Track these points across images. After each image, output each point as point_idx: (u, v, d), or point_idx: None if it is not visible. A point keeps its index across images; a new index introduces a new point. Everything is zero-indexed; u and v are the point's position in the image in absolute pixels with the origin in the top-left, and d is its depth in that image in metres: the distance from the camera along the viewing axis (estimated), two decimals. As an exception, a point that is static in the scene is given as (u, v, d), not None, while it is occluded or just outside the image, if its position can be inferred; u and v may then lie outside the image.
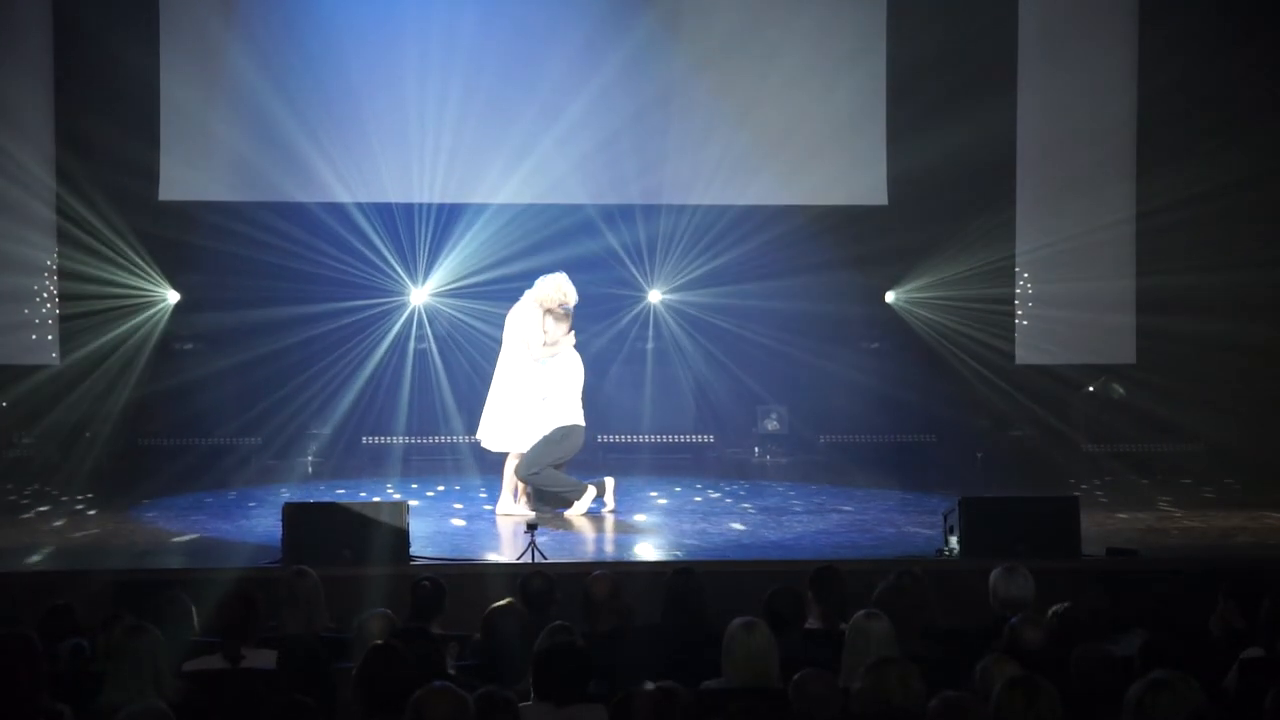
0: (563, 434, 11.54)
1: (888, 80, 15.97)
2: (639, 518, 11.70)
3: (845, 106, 15.98)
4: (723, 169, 15.77)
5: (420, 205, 15.71)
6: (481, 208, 15.70)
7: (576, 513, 11.50)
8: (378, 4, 15.61)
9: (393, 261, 15.78)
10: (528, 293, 11.78)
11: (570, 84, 15.54)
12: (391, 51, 15.46)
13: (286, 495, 12.15)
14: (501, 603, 6.92)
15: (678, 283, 16.18)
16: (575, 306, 11.84)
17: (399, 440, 15.80)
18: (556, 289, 11.70)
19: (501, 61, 15.54)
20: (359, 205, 15.64)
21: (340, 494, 12.76)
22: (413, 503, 12.15)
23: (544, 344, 11.62)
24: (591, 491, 11.59)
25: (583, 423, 11.67)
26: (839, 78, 15.98)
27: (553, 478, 11.56)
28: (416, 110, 15.44)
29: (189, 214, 15.45)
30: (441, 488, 13.19)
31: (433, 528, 11.02)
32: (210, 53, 15.32)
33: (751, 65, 15.80)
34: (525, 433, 11.57)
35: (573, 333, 11.81)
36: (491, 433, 11.71)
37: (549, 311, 11.68)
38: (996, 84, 15.95)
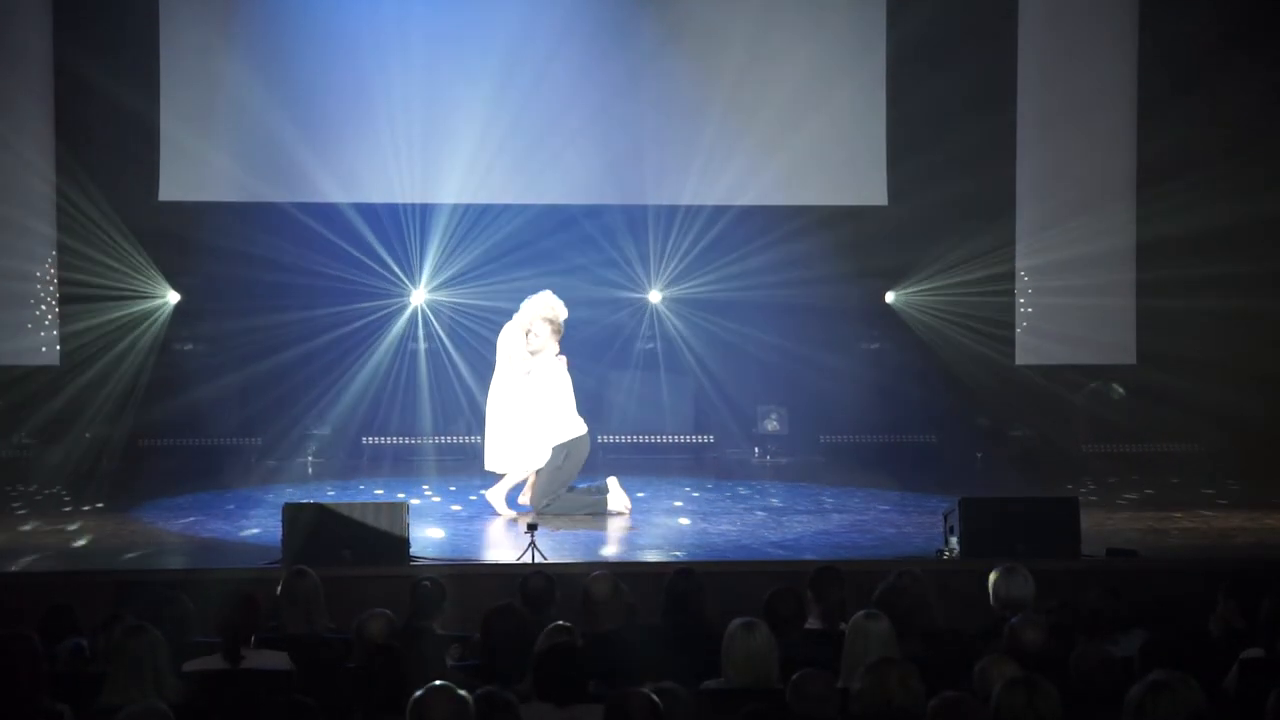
0: (565, 453, 11.56)
1: (888, 81, 15.96)
2: (639, 518, 11.70)
3: (845, 107, 15.97)
4: (723, 169, 15.76)
5: (420, 205, 15.69)
6: (481, 208, 15.69)
7: (623, 506, 11.56)
8: (379, 7, 15.59)
9: (393, 262, 15.77)
10: (516, 315, 11.78)
11: (568, 84, 15.54)
12: (394, 52, 15.44)
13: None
14: (499, 604, 6.92)
15: (678, 283, 16.17)
16: (578, 312, 11.88)
17: (402, 440, 15.82)
18: (546, 307, 11.70)
19: (499, 62, 15.51)
20: (359, 206, 15.63)
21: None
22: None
23: (531, 352, 11.60)
24: (613, 482, 11.64)
25: (584, 430, 11.68)
26: (839, 78, 15.98)
27: (567, 503, 11.58)
28: (419, 111, 15.43)
29: (189, 214, 15.45)
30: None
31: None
32: (210, 53, 15.32)
33: (752, 66, 15.78)
34: (527, 452, 11.56)
35: (560, 352, 11.79)
36: (494, 455, 11.66)
37: (545, 320, 11.65)
38: (997, 84, 15.95)
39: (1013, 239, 16.19)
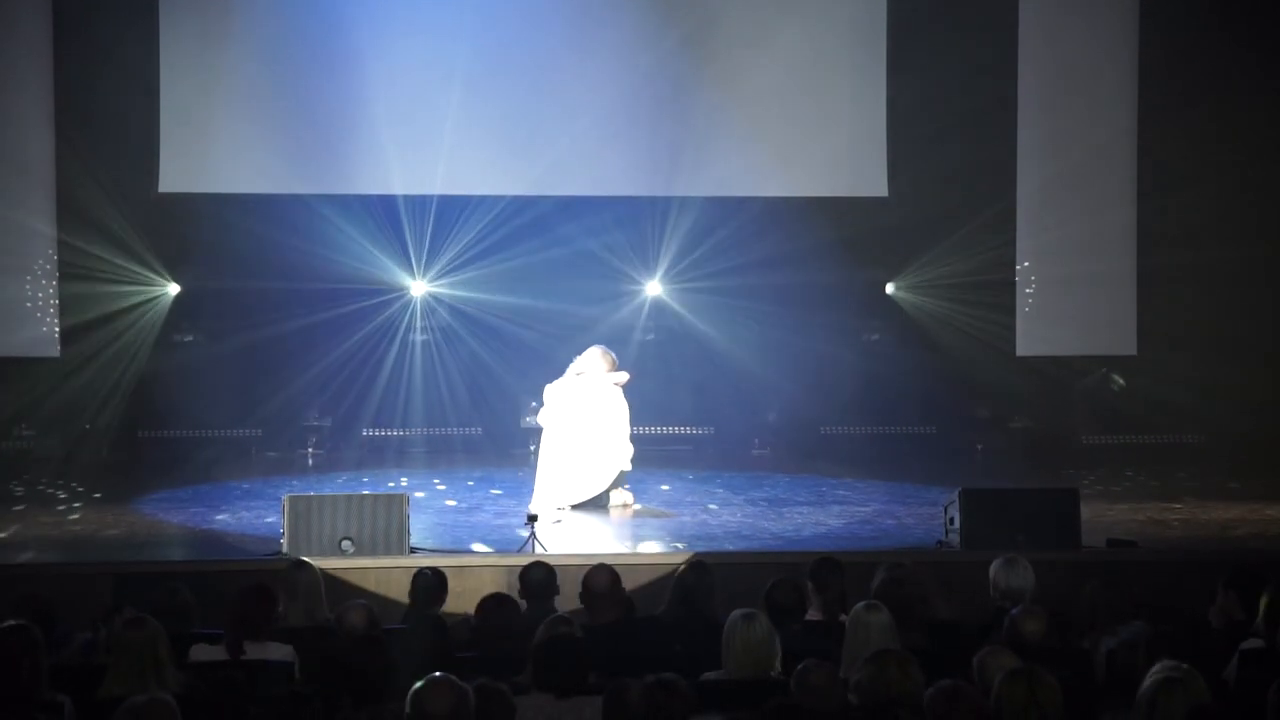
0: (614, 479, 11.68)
1: (888, 72, 15.94)
2: (640, 508, 11.72)
3: (845, 98, 15.96)
4: (723, 160, 15.74)
5: (421, 197, 15.68)
6: (481, 199, 15.69)
7: (626, 500, 11.65)
8: (381, -1, 15.59)
9: (394, 254, 15.77)
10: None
11: (565, 76, 15.53)
12: (394, 43, 15.43)
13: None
14: (494, 592, 6.93)
15: (677, 274, 16.16)
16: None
17: (402, 432, 15.84)
18: (594, 348, 11.89)
19: (498, 51, 15.52)
20: (358, 197, 15.62)
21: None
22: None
23: (576, 374, 11.73)
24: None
25: (628, 466, 11.76)
26: (839, 69, 15.97)
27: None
28: (417, 102, 15.42)
29: (189, 206, 15.44)
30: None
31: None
32: (210, 44, 15.31)
33: (751, 57, 15.77)
34: (588, 480, 11.58)
35: (622, 374, 11.89)
36: (556, 492, 11.52)
37: (596, 349, 11.84)
38: (997, 74, 15.92)
39: (1013, 232, 16.18)
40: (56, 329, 15.37)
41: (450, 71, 15.39)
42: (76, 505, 12.08)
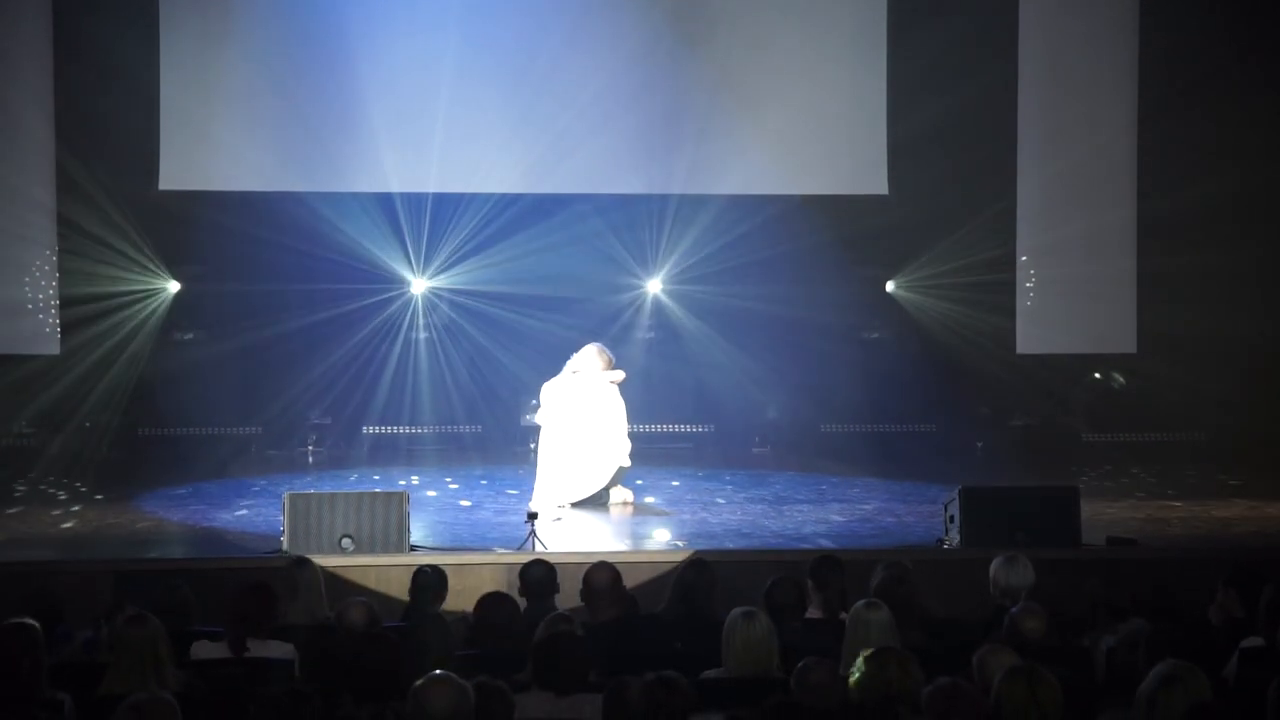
0: (613, 476, 11.72)
1: (889, 69, 15.94)
2: (640, 506, 11.73)
3: (846, 96, 15.95)
4: (723, 158, 15.74)
5: (421, 194, 15.67)
6: (481, 197, 15.69)
7: (626, 498, 11.68)
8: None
9: (394, 251, 15.77)
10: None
11: (563, 73, 15.52)
12: (393, 39, 15.43)
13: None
14: (493, 590, 6.94)
15: (677, 273, 16.16)
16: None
17: (403, 430, 15.84)
18: (591, 346, 11.93)
19: (499, 49, 15.52)
20: (357, 195, 15.62)
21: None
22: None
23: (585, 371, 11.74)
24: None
25: (628, 463, 11.77)
26: (840, 67, 15.96)
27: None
28: (416, 99, 15.41)
29: (189, 204, 15.43)
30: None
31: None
32: (210, 44, 15.30)
33: (752, 56, 15.77)
34: (591, 476, 11.62)
35: (618, 372, 11.92)
36: (564, 491, 11.59)
37: (592, 348, 11.89)
38: (997, 73, 15.92)
39: (1013, 229, 16.18)
40: (57, 326, 15.37)
41: (450, 69, 15.37)
42: (76, 502, 12.08)
